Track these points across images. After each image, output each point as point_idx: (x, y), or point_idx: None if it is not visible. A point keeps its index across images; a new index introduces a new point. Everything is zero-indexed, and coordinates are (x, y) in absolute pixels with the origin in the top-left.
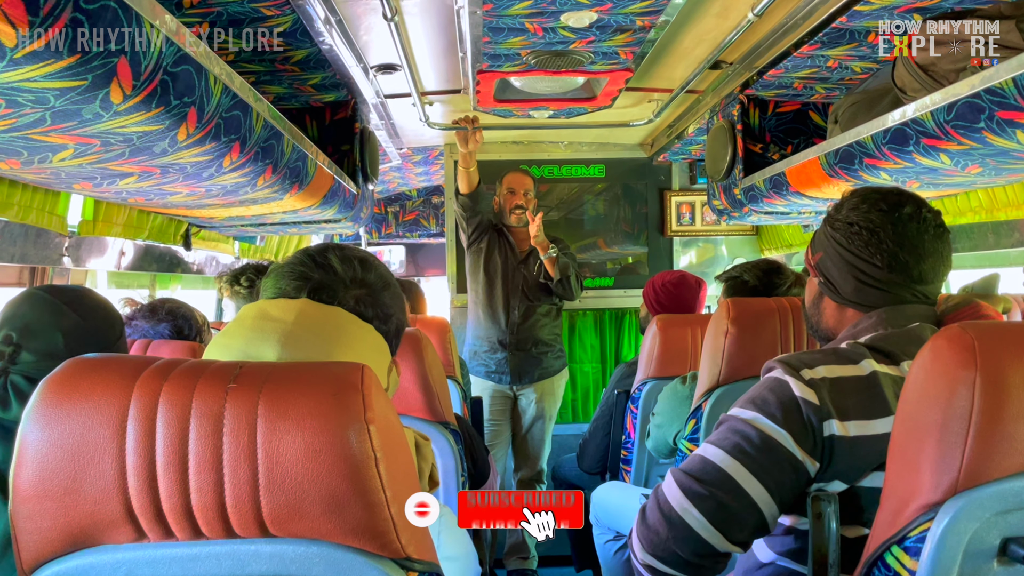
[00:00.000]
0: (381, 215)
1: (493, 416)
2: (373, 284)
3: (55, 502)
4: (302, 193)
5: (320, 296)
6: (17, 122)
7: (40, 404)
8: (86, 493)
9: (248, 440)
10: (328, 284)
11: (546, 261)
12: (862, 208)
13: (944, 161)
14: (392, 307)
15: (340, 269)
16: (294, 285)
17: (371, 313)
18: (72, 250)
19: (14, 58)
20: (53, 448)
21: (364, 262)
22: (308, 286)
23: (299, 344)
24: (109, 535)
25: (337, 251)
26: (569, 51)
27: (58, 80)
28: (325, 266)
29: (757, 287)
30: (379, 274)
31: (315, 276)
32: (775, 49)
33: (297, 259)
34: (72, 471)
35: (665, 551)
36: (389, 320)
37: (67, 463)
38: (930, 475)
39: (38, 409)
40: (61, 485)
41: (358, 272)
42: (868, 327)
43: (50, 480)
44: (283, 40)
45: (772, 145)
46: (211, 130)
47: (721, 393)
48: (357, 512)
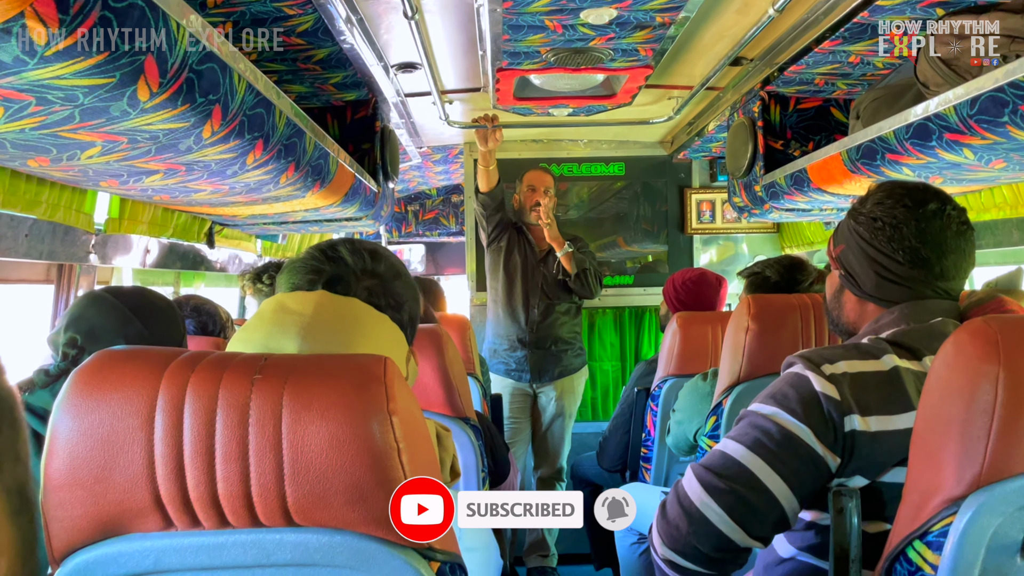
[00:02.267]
0: (401, 214)
1: (513, 414)
2: (384, 274)
3: (85, 491)
4: (324, 191)
5: (335, 288)
6: (47, 119)
7: (71, 395)
8: (116, 482)
9: (273, 430)
10: (341, 276)
11: (562, 258)
12: (887, 203)
13: (967, 156)
14: (404, 296)
15: (351, 260)
16: (308, 279)
17: (383, 302)
18: (99, 247)
19: (45, 56)
20: (84, 437)
21: (374, 253)
22: (322, 279)
23: (318, 336)
24: (138, 524)
25: (347, 244)
26: (589, 48)
27: (87, 78)
28: (336, 259)
29: (779, 283)
30: (389, 264)
31: (327, 269)
32: (796, 45)
33: (309, 254)
34: (102, 460)
35: (685, 546)
36: (402, 309)
37: (97, 452)
38: (953, 469)
39: (69, 399)
40: (91, 474)
41: (368, 263)
42: (890, 322)
43: (81, 469)
44: (305, 39)
45: (793, 142)
46: (235, 127)
47: (742, 390)
48: (380, 502)
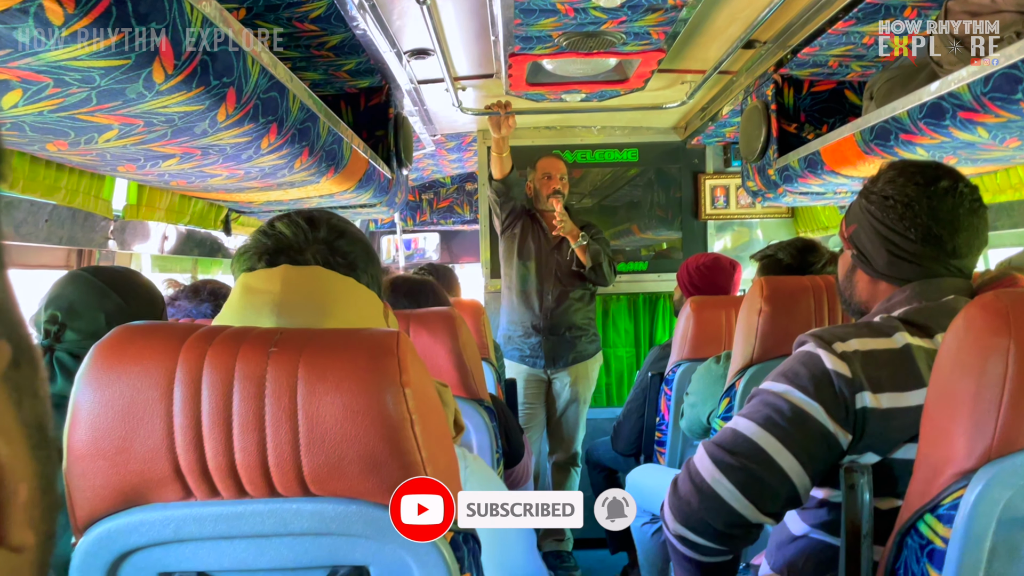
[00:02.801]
0: (415, 202)
1: (528, 399)
2: (325, 238)
3: (107, 461)
4: (338, 176)
5: (292, 260)
6: (64, 101)
7: (92, 368)
8: (136, 452)
9: (289, 402)
10: (286, 248)
11: (577, 249)
12: (898, 181)
13: (981, 135)
14: (352, 252)
15: (290, 233)
16: (257, 261)
17: (336, 264)
18: (117, 234)
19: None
20: (105, 409)
21: (311, 219)
22: (268, 257)
23: (293, 311)
24: (158, 493)
25: (282, 219)
26: (601, 32)
27: (103, 59)
28: (276, 235)
29: (791, 265)
30: (330, 226)
31: (270, 244)
32: (809, 27)
33: (252, 238)
34: (123, 431)
35: (697, 522)
36: (356, 267)
37: (118, 424)
38: (963, 443)
39: (90, 373)
40: (113, 445)
41: (308, 231)
42: (902, 300)
43: (102, 440)
44: (318, 25)
45: (807, 125)
46: (249, 111)
47: (755, 371)
48: (394, 472)
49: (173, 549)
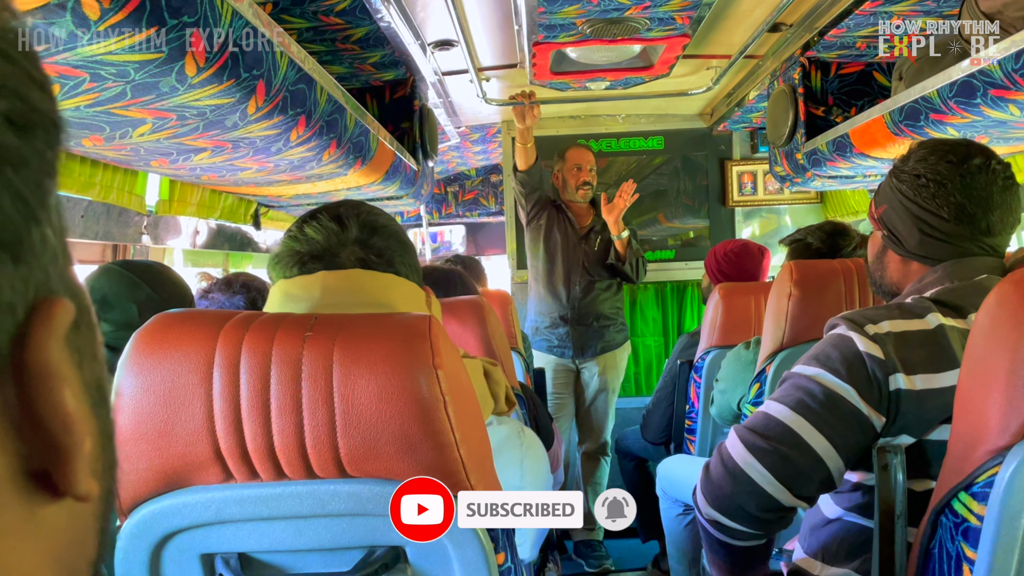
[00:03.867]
0: (441, 195)
1: (557, 389)
2: (358, 237)
3: (150, 444)
4: (365, 168)
5: (328, 265)
6: (100, 96)
7: (133, 354)
8: (178, 435)
9: (325, 385)
10: (324, 252)
11: (618, 242)
12: (930, 160)
13: (1014, 112)
14: (387, 248)
15: (321, 238)
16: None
17: (374, 263)
18: (151, 228)
19: (98, 30)
20: (147, 394)
21: (339, 219)
22: (303, 264)
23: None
24: (200, 476)
25: (312, 221)
26: (624, 18)
27: (137, 53)
28: (307, 239)
29: (821, 249)
30: (361, 223)
31: (303, 251)
32: (836, 8)
33: (283, 245)
34: (165, 415)
35: (731, 505)
36: (393, 261)
37: (160, 408)
38: (997, 420)
39: (132, 359)
40: (155, 428)
41: (338, 232)
42: (934, 281)
43: (145, 424)
44: (343, 19)
45: (835, 108)
46: (278, 103)
47: (785, 356)
48: (428, 452)
49: (214, 531)
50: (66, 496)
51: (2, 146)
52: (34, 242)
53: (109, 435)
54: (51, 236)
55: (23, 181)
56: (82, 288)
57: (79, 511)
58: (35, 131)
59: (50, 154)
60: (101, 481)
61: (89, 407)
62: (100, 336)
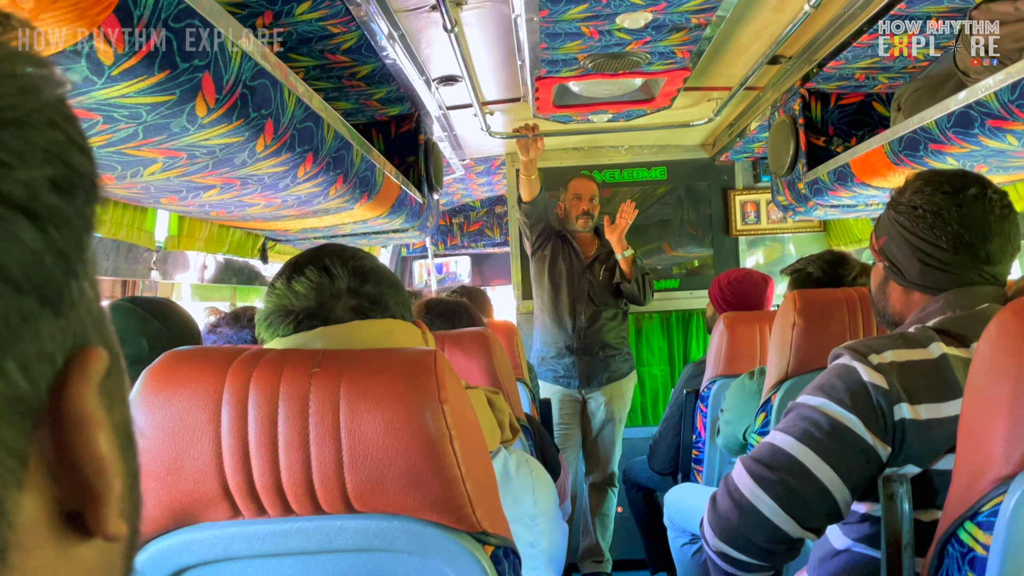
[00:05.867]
0: (446, 227)
1: (563, 420)
2: (349, 287)
3: (159, 482)
4: (371, 202)
5: (325, 321)
6: (113, 137)
7: (143, 392)
8: (187, 472)
9: (332, 420)
10: (319, 309)
11: (622, 260)
12: (926, 191)
13: (1011, 142)
14: (379, 293)
15: (313, 295)
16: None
17: (369, 310)
18: (160, 264)
19: (111, 75)
20: (156, 431)
21: (327, 270)
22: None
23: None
24: (208, 513)
25: (299, 275)
26: (626, 53)
27: (150, 95)
28: (297, 296)
29: (822, 279)
30: (349, 271)
31: (294, 309)
32: (834, 40)
33: (272, 303)
34: (173, 452)
35: (738, 537)
36: (388, 307)
37: (169, 445)
38: (1002, 448)
39: (141, 396)
40: (164, 465)
41: (328, 285)
42: (936, 310)
43: (154, 461)
44: (349, 56)
45: (836, 138)
46: (287, 141)
47: (790, 385)
48: (434, 487)
49: (223, 568)
50: (96, 536)
51: (47, 208)
52: (73, 295)
53: (135, 476)
54: (88, 288)
55: (64, 239)
56: (114, 335)
57: (108, 550)
58: (76, 192)
59: (88, 211)
60: (128, 521)
61: (118, 449)
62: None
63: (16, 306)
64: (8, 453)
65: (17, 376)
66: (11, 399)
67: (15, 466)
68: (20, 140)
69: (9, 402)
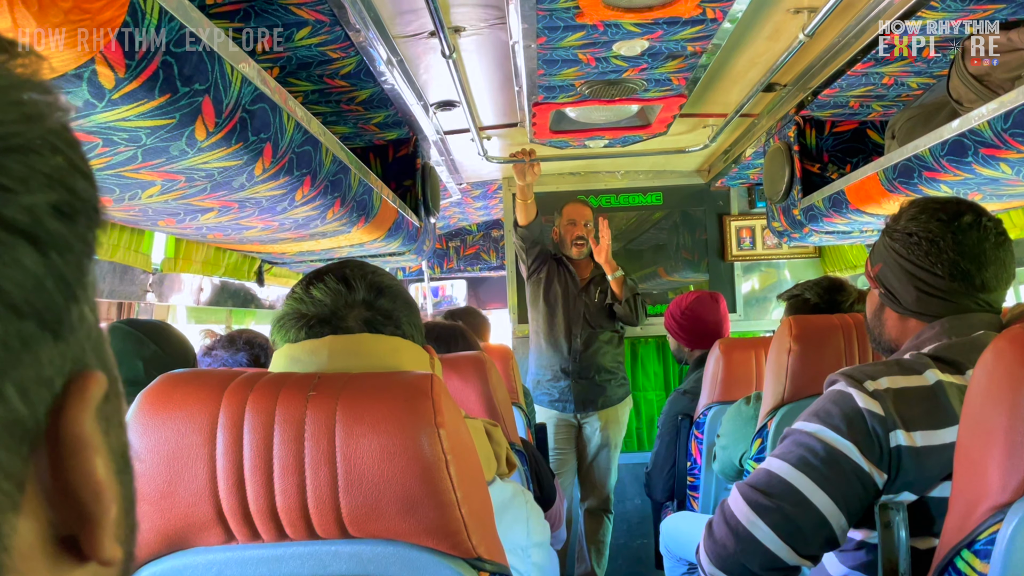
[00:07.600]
0: (442, 250)
1: (558, 445)
2: (366, 299)
3: (152, 505)
4: (368, 226)
5: (335, 329)
6: (112, 160)
7: (138, 414)
8: (181, 496)
9: (327, 444)
10: (332, 316)
11: (613, 282)
12: (921, 218)
13: (1004, 171)
14: (394, 309)
15: (329, 300)
16: (300, 331)
17: (381, 324)
18: (156, 286)
19: (112, 99)
20: (150, 454)
21: (346, 280)
22: (309, 328)
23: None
24: (201, 537)
25: (318, 281)
26: (622, 80)
27: (150, 119)
28: (313, 302)
29: (819, 305)
30: (368, 284)
31: (309, 314)
32: (828, 69)
33: (288, 306)
34: (168, 476)
35: (734, 564)
36: (400, 323)
37: (163, 468)
38: (998, 477)
39: (136, 419)
40: (158, 489)
41: (345, 294)
42: (931, 337)
43: (148, 485)
44: (347, 81)
45: (830, 165)
46: (285, 164)
47: (786, 411)
48: (430, 512)
49: None
50: (92, 561)
51: (50, 233)
52: (73, 319)
53: (131, 500)
54: (88, 312)
55: (66, 264)
56: (112, 359)
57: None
58: (78, 217)
59: (90, 236)
60: (123, 546)
61: (115, 473)
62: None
63: (16, 330)
64: (5, 477)
65: (16, 400)
66: (9, 423)
67: (12, 490)
68: (23, 166)
69: (7, 426)
